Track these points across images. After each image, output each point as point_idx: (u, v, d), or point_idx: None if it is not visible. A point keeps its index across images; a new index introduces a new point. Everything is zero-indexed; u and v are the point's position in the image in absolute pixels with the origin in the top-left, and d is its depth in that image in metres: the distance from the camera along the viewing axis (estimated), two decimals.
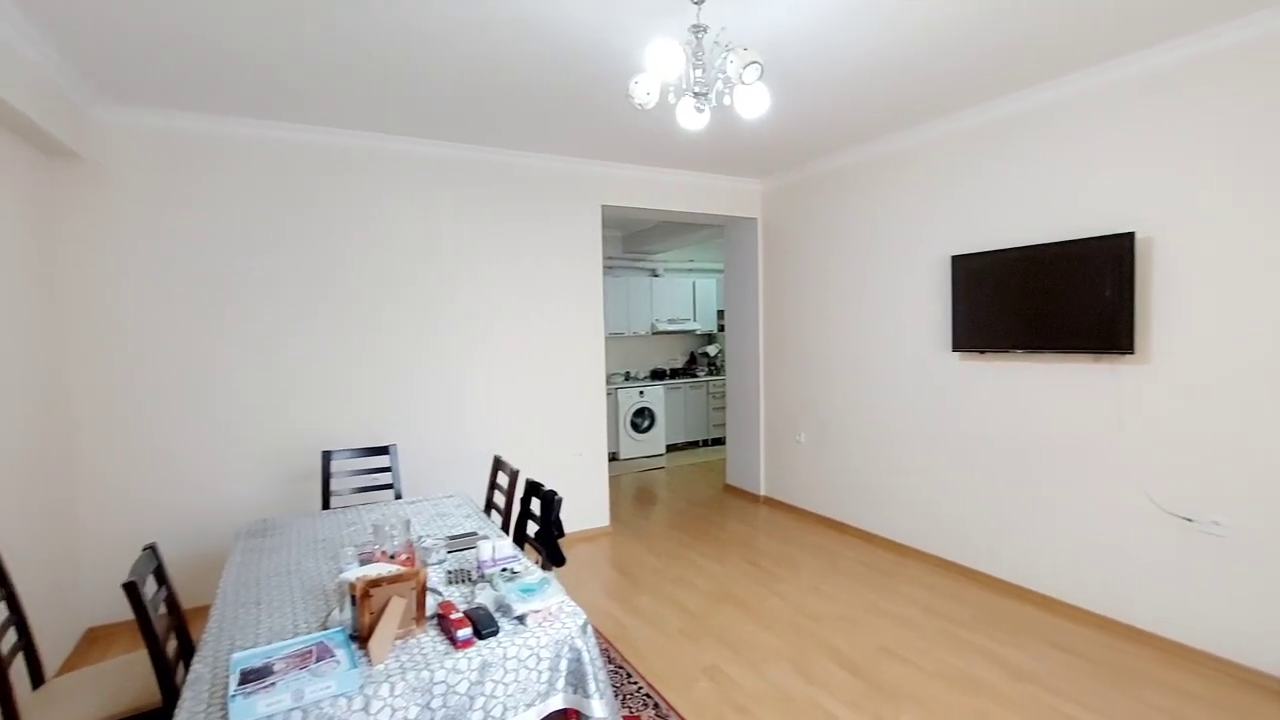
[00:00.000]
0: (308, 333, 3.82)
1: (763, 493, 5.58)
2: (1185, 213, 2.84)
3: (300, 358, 3.81)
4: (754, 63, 1.99)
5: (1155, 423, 2.98)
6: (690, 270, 8.33)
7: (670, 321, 7.96)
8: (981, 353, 3.66)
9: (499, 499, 3.45)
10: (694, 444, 8.06)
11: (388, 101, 3.34)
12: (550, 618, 1.81)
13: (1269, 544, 2.65)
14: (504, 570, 2.10)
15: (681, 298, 8.09)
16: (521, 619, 1.82)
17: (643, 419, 7.54)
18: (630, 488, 6.34)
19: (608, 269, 7.66)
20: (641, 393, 7.49)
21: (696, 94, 2.16)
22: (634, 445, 7.50)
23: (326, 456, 3.43)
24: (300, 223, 3.77)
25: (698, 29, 2.16)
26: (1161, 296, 2.93)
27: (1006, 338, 3.47)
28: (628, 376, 7.93)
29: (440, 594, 2.04)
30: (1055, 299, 3.21)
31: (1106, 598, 3.19)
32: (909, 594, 3.65)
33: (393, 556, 2.30)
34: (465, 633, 1.74)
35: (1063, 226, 3.26)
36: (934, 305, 3.98)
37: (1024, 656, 2.94)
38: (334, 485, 3.68)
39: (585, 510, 4.82)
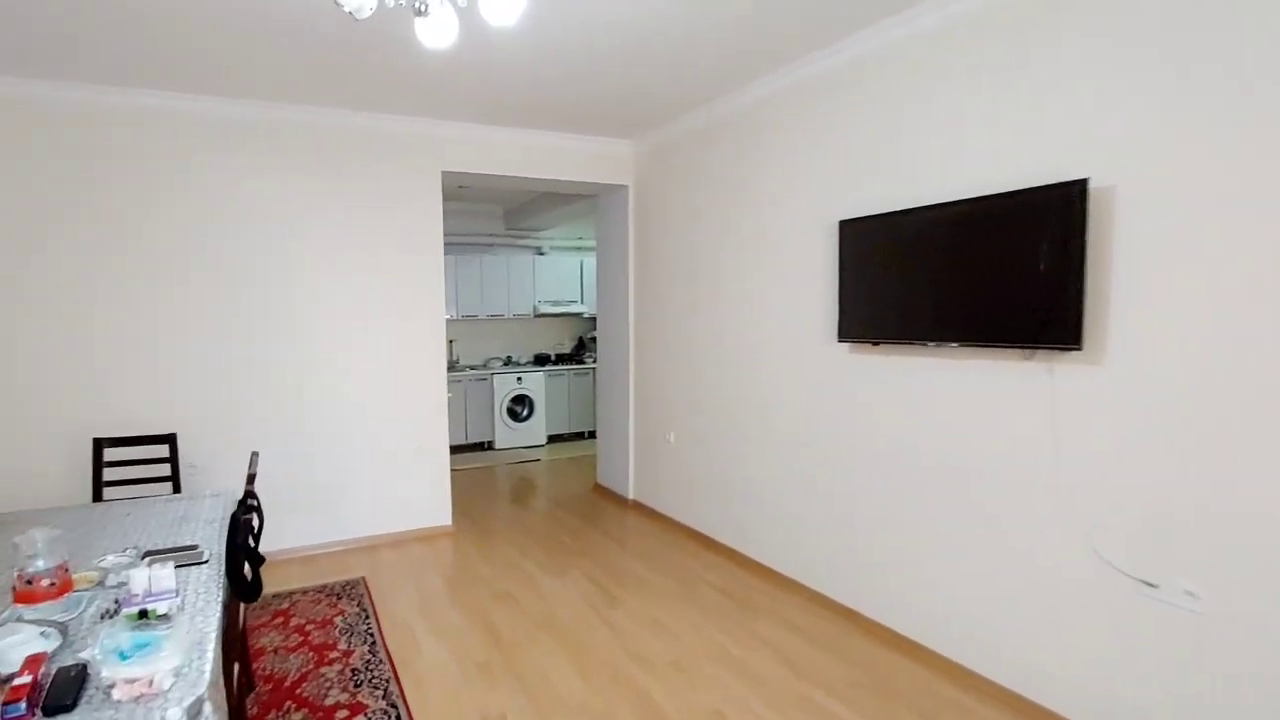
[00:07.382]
0: (104, 304, 3.47)
1: (631, 496, 5.04)
2: (1160, 155, 1.92)
3: (87, 332, 3.44)
4: None
5: (1108, 447, 2.08)
6: (578, 248, 7.77)
7: (554, 304, 7.40)
8: (875, 344, 2.84)
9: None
10: (579, 435, 7.56)
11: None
12: (148, 694, 1.26)
13: (1270, 627, 1.76)
14: (140, 612, 1.53)
15: (567, 278, 7.53)
16: (111, 690, 1.26)
17: (521, 407, 6.99)
18: (496, 481, 5.79)
19: (487, 247, 7.10)
20: (520, 379, 6.93)
21: None
22: (511, 434, 6.94)
23: (99, 445, 3.21)
24: (93, 193, 3.38)
25: None
26: (1126, 270, 2.00)
27: (906, 325, 2.63)
28: (508, 361, 7.34)
29: (58, 638, 1.46)
30: (972, 274, 2.36)
31: (1024, 675, 2.35)
32: (769, 636, 2.91)
33: (30, 581, 1.73)
34: (16, 708, 1.19)
35: (983, 179, 2.37)
36: (819, 283, 3.14)
37: None
38: (114, 474, 3.22)
39: (420, 507, 4.26)
